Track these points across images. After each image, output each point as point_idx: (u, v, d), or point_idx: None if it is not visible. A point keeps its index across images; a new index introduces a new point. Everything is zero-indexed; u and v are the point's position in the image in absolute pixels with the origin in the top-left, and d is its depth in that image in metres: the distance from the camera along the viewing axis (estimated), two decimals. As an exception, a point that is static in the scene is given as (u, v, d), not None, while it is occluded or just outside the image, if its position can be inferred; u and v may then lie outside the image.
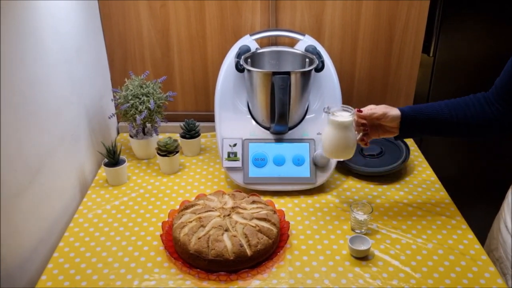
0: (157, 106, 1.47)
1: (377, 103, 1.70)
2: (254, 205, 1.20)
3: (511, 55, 1.13)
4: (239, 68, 1.37)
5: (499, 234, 1.23)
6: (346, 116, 1.15)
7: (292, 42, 1.53)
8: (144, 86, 1.47)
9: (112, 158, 1.40)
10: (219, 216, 1.15)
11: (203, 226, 1.11)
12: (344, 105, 1.18)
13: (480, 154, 1.94)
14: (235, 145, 1.38)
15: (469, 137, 1.16)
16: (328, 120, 1.17)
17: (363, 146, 1.20)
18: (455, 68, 1.79)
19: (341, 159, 1.22)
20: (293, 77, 1.29)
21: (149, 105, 1.44)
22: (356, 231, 1.22)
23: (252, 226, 1.11)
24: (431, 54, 1.76)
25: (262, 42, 1.55)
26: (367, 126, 1.18)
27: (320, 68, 1.37)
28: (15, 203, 1.03)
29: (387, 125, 1.16)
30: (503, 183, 1.35)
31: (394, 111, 1.14)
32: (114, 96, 1.53)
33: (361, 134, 1.19)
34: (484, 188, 1.93)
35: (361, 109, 1.16)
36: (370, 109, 1.15)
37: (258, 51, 1.44)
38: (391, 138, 1.55)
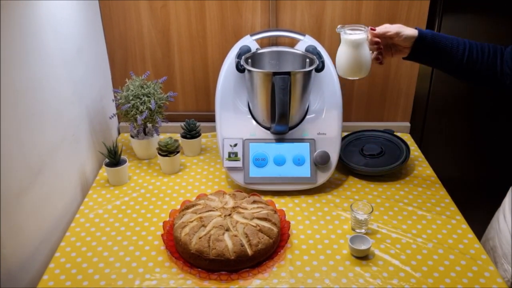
0: (158, 106, 1.47)
1: (377, 103, 1.72)
2: (255, 205, 1.20)
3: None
4: (240, 68, 1.37)
5: (497, 224, 1.25)
6: (359, 33, 1.14)
7: (293, 42, 1.53)
8: (145, 86, 1.48)
9: (113, 158, 1.41)
10: (220, 216, 1.15)
11: (204, 225, 1.12)
12: (357, 24, 1.17)
13: (481, 154, 1.94)
14: (235, 145, 1.38)
15: (469, 80, 1.18)
16: (341, 39, 1.16)
17: (379, 64, 1.20)
18: (455, 68, 1.79)
19: (356, 78, 1.21)
20: (293, 78, 1.29)
21: (150, 105, 1.44)
22: (357, 230, 1.22)
23: (253, 226, 1.12)
24: (431, 54, 1.76)
25: (262, 42, 1.55)
26: (381, 44, 1.17)
27: (320, 68, 1.37)
28: (16, 203, 1.03)
29: (400, 44, 1.16)
30: (503, 182, 1.35)
31: (409, 31, 1.14)
32: (115, 97, 1.53)
33: (375, 53, 1.18)
34: (484, 188, 1.93)
35: (375, 28, 1.16)
36: (385, 27, 1.15)
37: (259, 51, 1.45)
38: (391, 135, 1.57)
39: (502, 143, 1.88)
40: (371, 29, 1.15)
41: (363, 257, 1.13)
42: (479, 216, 1.38)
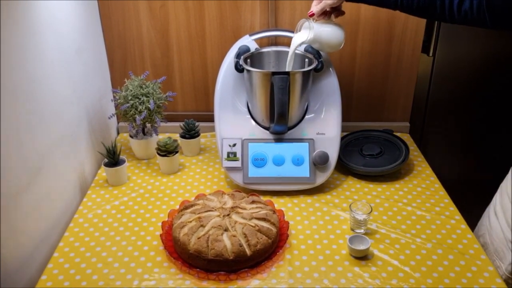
0: (157, 106, 1.47)
1: (377, 103, 1.72)
2: (254, 205, 1.20)
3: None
4: (239, 68, 1.37)
5: (487, 221, 1.24)
6: (307, 32, 1.27)
7: (292, 42, 1.53)
8: (144, 86, 1.48)
9: (112, 158, 1.41)
10: (218, 216, 1.15)
11: (202, 226, 1.12)
12: (298, 23, 1.29)
13: (480, 154, 1.94)
14: (234, 145, 1.38)
15: (414, 15, 1.21)
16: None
17: (342, 15, 1.31)
18: (455, 68, 1.80)
19: (342, 45, 1.33)
20: (292, 77, 1.29)
21: (149, 105, 1.44)
22: (356, 230, 1.22)
23: (252, 226, 1.12)
24: (430, 54, 1.76)
25: (261, 42, 1.55)
26: (329, 8, 1.26)
27: (319, 68, 1.37)
28: (15, 203, 1.03)
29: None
30: (501, 182, 1.35)
31: None
32: (114, 97, 1.53)
33: (332, 15, 1.29)
34: (483, 188, 1.92)
35: (312, 11, 1.25)
36: (318, 7, 1.24)
37: (258, 51, 1.45)
38: (390, 135, 1.57)
39: (502, 143, 1.88)
40: (310, 15, 1.25)
41: (362, 257, 1.13)
42: (478, 216, 1.38)
